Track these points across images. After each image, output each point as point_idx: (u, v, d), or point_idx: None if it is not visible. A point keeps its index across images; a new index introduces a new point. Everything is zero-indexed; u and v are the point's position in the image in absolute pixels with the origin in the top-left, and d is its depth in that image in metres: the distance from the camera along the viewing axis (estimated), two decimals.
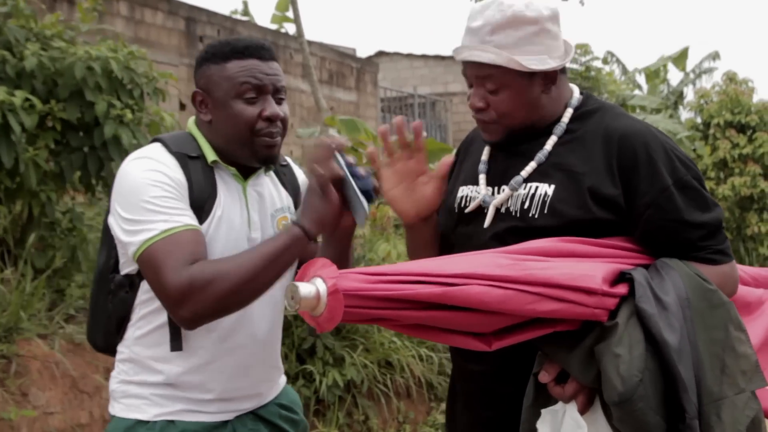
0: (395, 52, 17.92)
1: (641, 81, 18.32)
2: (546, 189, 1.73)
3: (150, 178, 1.72)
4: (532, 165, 1.76)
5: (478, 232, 1.80)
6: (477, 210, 1.83)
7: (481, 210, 1.82)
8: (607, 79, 16.50)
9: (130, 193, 1.73)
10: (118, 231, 1.74)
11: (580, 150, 1.74)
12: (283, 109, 1.83)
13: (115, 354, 1.91)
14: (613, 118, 1.77)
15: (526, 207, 1.74)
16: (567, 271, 1.50)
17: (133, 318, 1.83)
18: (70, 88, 4.25)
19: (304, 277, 1.44)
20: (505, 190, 1.78)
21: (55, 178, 4.43)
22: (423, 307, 1.44)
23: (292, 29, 9.03)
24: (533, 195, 1.74)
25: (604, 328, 1.51)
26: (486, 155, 1.87)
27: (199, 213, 1.76)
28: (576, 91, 1.85)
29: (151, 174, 1.73)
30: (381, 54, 17.74)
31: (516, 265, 1.51)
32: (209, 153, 1.83)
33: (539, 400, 1.61)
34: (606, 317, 1.52)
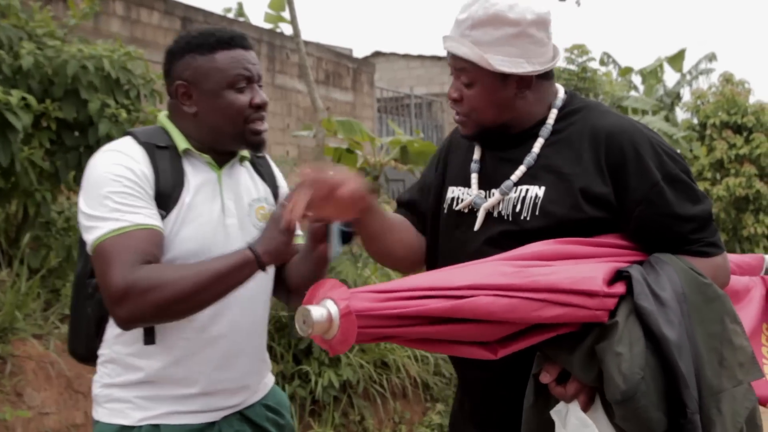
0: (392, 53, 17.94)
1: (637, 82, 18.35)
2: (536, 191, 1.73)
3: (112, 173, 1.74)
4: (522, 169, 1.76)
5: (471, 236, 1.80)
6: (467, 211, 1.83)
7: (472, 211, 1.82)
8: (603, 80, 16.53)
9: (91, 186, 1.75)
10: (81, 228, 1.76)
11: (567, 150, 1.74)
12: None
13: (94, 362, 1.92)
14: (599, 116, 1.77)
15: (517, 210, 1.74)
16: (569, 275, 1.50)
17: (110, 317, 1.81)
18: (64, 86, 4.24)
19: (313, 299, 1.42)
20: (495, 194, 1.78)
21: (51, 178, 4.41)
22: (432, 321, 1.44)
23: (287, 29, 9.02)
24: (524, 198, 1.74)
25: (603, 328, 1.52)
26: (477, 155, 1.87)
27: (167, 201, 1.78)
28: (561, 90, 1.84)
29: (114, 168, 1.75)
30: (377, 54, 17.76)
31: (520, 272, 1.51)
32: (181, 143, 1.85)
33: (539, 402, 1.61)
34: (607, 318, 1.52)
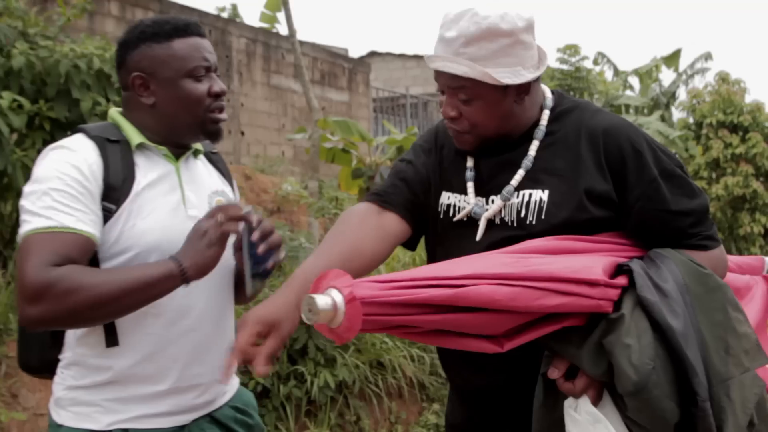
0: (387, 53, 17.96)
1: (633, 81, 18.37)
2: (540, 195, 1.72)
3: (58, 170, 1.69)
4: (521, 173, 1.75)
5: (472, 245, 1.77)
6: (467, 220, 1.80)
7: (472, 220, 1.79)
8: (596, 79, 16.54)
9: (35, 181, 1.70)
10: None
11: (565, 151, 1.74)
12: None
13: (49, 374, 1.85)
14: (592, 115, 1.77)
15: (522, 215, 1.73)
16: (567, 265, 1.52)
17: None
18: (57, 86, 4.23)
19: (318, 289, 1.42)
20: (496, 201, 1.76)
21: None
22: (436, 310, 1.44)
23: (282, 29, 9.01)
24: (528, 202, 1.73)
25: (610, 321, 1.52)
26: (471, 162, 1.84)
27: (116, 194, 1.73)
28: (547, 91, 1.83)
29: (60, 165, 1.70)
30: (373, 54, 17.77)
31: (519, 262, 1.53)
32: (135, 137, 1.81)
33: (549, 400, 1.62)
34: (611, 308, 1.53)
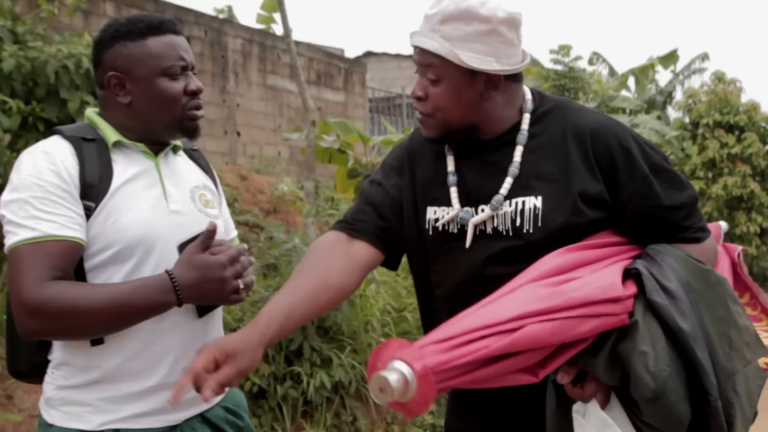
0: (383, 53, 17.93)
1: (629, 81, 18.36)
2: (534, 202, 1.70)
3: (35, 176, 1.68)
4: (509, 180, 1.72)
5: (466, 255, 1.75)
6: (457, 231, 1.77)
7: (464, 232, 1.76)
8: (591, 79, 16.52)
9: (14, 189, 1.69)
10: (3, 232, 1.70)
11: (553, 154, 1.72)
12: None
13: (39, 378, 1.84)
14: (576, 114, 1.75)
15: (518, 224, 1.70)
16: (597, 285, 1.51)
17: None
18: (46, 87, 4.23)
19: (379, 363, 1.39)
20: (485, 210, 1.73)
21: None
22: (493, 360, 1.44)
23: (278, 29, 9.00)
24: (522, 210, 1.70)
25: (623, 328, 1.52)
26: (452, 166, 1.80)
27: (94, 192, 1.72)
28: (528, 92, 1.81)
29: (37, 171, 1.68)
30: (369, 54, 17.75)
31: (555, 293, 1.50)
32: (111, 135, 1.80)
33: (561, 406, 1.62)
34: (629, 319, 1.53)
